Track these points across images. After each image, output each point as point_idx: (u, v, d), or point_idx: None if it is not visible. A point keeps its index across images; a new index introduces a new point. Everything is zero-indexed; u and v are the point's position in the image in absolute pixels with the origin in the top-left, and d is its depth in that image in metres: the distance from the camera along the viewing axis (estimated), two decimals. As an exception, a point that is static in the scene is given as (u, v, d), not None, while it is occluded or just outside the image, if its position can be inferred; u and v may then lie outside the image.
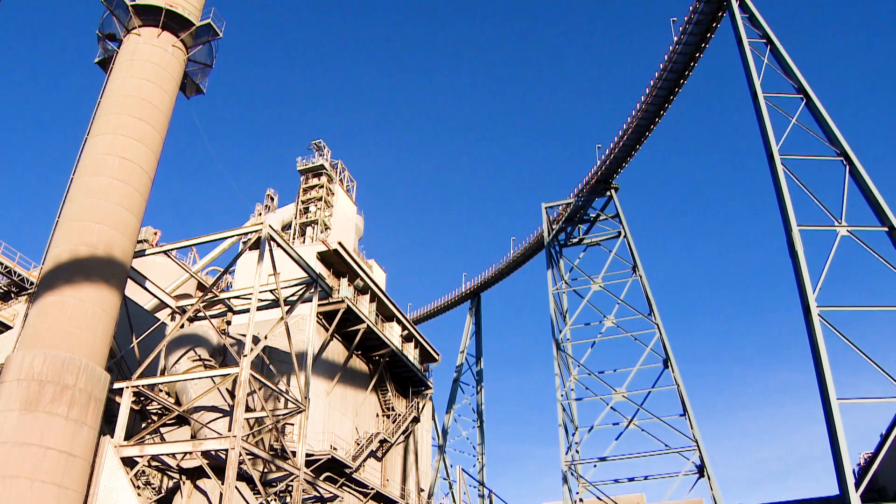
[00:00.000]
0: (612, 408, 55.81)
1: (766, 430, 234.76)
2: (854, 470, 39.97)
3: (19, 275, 38.19)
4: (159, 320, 39.10)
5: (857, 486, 35.37)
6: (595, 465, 55.53)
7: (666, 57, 52.68)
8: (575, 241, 65.37)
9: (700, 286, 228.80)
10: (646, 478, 54.41)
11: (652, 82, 54.36)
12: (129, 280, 32.51)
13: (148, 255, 37.50)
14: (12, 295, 38.64)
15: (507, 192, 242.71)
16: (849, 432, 35.54)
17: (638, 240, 65.79)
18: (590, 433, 57.83)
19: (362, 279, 48.57)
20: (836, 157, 43.90)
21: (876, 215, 42.22)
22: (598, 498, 55.23)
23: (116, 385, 30.80)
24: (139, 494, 30.28)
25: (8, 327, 35.09)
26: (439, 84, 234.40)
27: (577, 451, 56.94)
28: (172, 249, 37.39)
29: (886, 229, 41.34)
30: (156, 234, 52.32)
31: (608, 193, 63.15)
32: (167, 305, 40.16)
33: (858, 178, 42.80)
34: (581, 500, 55.92)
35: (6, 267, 37.99)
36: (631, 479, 55.73)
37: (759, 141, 45.74)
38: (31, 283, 36.80)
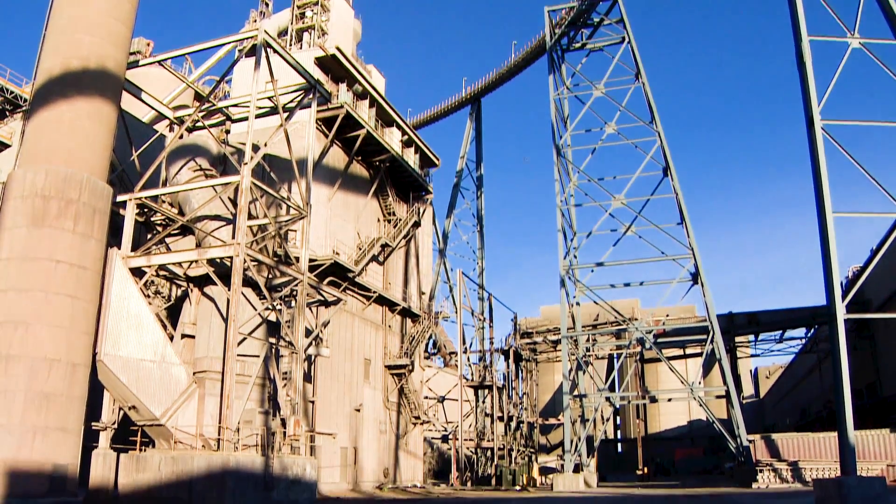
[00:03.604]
0: (610, 214, 56.37)
1: (761, 242, 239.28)
2: (842, 282, 41.06)
3: (12, 92, 37.43)
4: (158, 132, 38.84)
5: (844, 297, 36.51)
6: (592, 271, 56.85)
7: None
8: (578, 45, 63.42)
9: (704, 97, 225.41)
10: (641, 283, 55.98)
11: None
12: (124, 92, 31.99)
13: (142, 65, 36.51)
14: (7, 113, 38.08)
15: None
16: (841, 247, 36.22)
17: (642, 47, 63.88)
18: (588, 238, 58.87)
19: (361, 84, 47.78)
20: (854, -39, 41.79)
21: (891, 28, 40.65)
22: (595, 302, 57.05)
23: (120, 198, 30.95)
24: (149, 303, 31.32)
25: (6, 146, 34.85)
26: None
27: (575, 257, 58.14)
28: (167, 59, 36.46)
29: (901, 42, 39.97)
30: (149, 44, 50.88)
31: (613, -3, 60.78)
32: (165, 117, 39.64)
33: (876, -15, 40.92)
34: (578, 303, 57.84)
35: (-2, 84, 37.25)
36: (627, 285, 57.33)
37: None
38: (25, 100, 36.18)
